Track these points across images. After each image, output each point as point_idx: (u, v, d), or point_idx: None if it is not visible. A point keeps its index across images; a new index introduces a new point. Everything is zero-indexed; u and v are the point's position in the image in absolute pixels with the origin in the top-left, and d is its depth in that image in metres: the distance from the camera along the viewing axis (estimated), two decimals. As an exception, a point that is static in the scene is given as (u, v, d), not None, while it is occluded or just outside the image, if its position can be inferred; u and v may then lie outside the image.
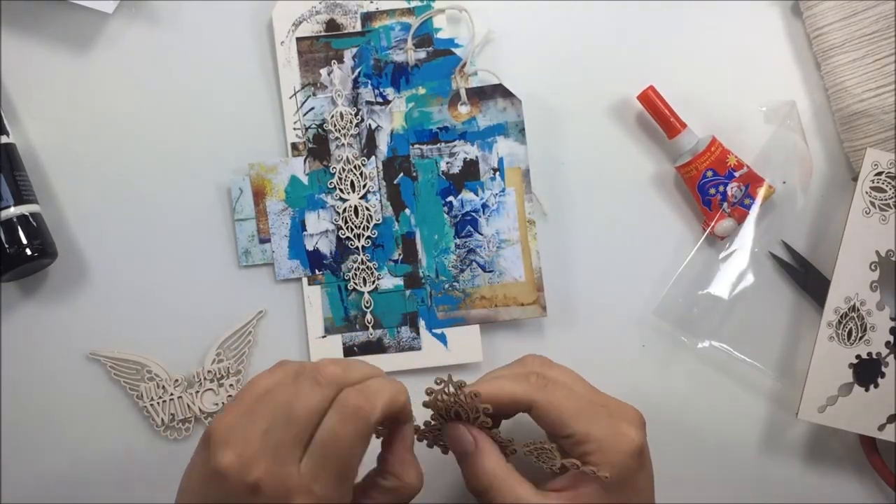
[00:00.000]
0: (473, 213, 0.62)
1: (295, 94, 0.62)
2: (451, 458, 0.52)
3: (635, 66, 0.64)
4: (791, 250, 0.63)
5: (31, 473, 0.61)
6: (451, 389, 0.48)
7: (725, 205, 0.61)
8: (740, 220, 0.62)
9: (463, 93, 0.62)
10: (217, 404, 0.61)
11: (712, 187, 0.61)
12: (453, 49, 0.63)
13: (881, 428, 0.59)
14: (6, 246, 0.58)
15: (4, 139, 0.60)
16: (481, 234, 0.62)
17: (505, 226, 0.62)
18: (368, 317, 0.62)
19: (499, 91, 0.63)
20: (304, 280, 0.62)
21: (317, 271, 0.62)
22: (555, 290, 0.63)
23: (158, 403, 0.61)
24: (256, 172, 0.62)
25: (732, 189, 0.61)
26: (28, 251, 0.58)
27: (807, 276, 0.63)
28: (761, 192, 0.62)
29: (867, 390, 0.59)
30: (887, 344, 0.60)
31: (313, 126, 0.62)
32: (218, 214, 0.63)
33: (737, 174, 0.61)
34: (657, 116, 0.62)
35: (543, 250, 0.62)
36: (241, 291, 0.62)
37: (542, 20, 0.65)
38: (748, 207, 0.62)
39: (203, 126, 0.63)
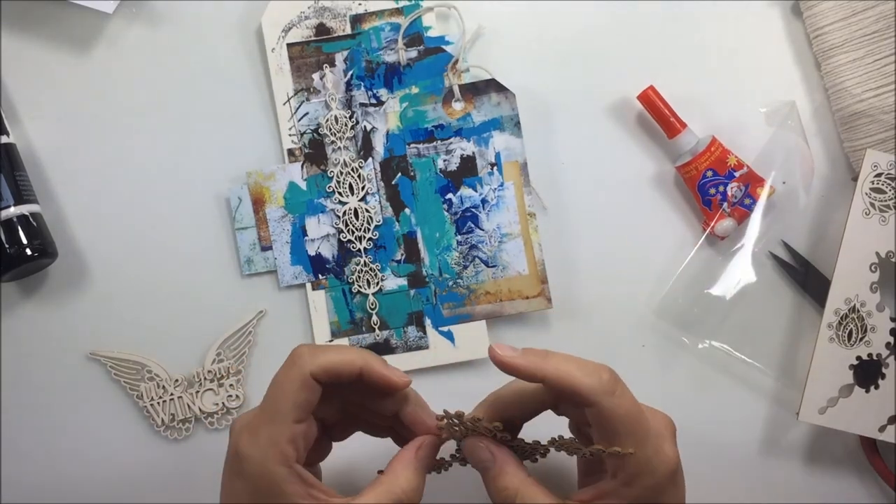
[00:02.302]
0: (473, 209, 0.62)
1: (288, 100, 0.62)
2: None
3: (635, 66, 0.64)
4: (791, 250, 0.63)
5: (31, 473, 0.62)
6: (454, 422, 0.48)
7: (725, 205, 0.61)
8: (740, 220, 0.62)
9: (456, 89, 0.62)
10: (217, 404, 0.61)
11: (712, 187, 0.61)
12: (444, 46, 0.63)
13: (882, 429, 0.59)
14: (6, 246, 0.58)
15: (4, 139, 0.60)
16: (482, 230, 0.62)
17: (506, 220, 0.62)
18: (374, 318, 0.62)
19: (492, 86, 0.62)
20: (308, 285, 0.62)
21: (320, 276, 0.62)
22: (556, 287, 0.63)
23: (158, 403, 0.61)
24: (254, 180, 0.62)
25: (732, 189, 0.61)
26: (28, 251, 0.58)
27: (807, 277, 0.63)
28: (762, 192, 0.61)
29: (867, 391, 0.59)
30: (887, 345, 0.59)
31: (308, 131, 0.62)
32: (218, 220, 0.63)
33: (737, 174, 0.61)
34: (657, 116, 0.62)
35: (545, 247, 0.62)
36: (244, 301, 0.62)
37: (536, 18, 0.64)
38: (748, 207, 0.61)
39: (200, 133, 0.63)
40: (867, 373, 0.59)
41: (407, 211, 0.62)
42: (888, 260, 0.60)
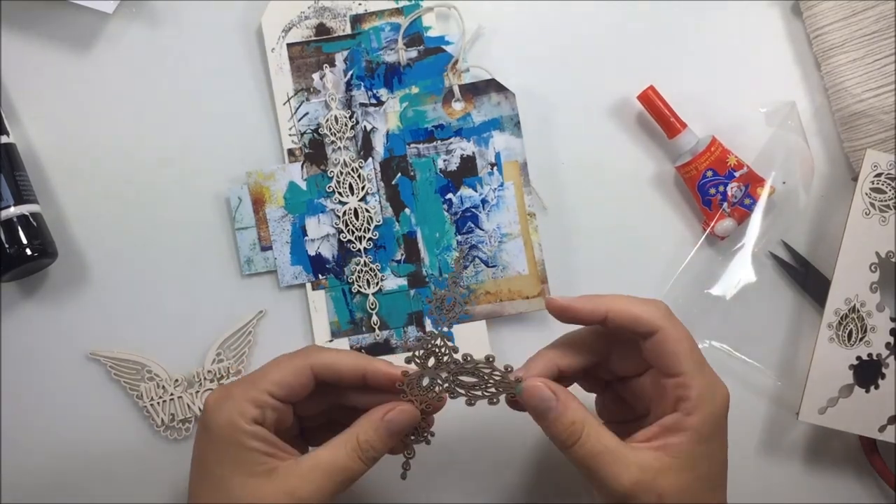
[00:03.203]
0: (473, 209, 0.62)
1: (289, 100, 0.62)
2: (452, 457, 0.52)
3: (635, 66, 0.64)
4: (791, 250, 0.63)
5: (32, 473, 0.62)
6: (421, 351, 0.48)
7: (725, 205, 0.61)
8: (740, 220, 0.62)
9: (456, 89, 0.62)
10: (217, 404, 0.61)
11: (712, 187, 0.61)
12: (444, 46, 0.63)
13: (881, 429, 0.59)
14: (6, 246, 0.58)
15: (4, 139, 0.60)
16: (482, 230, 0.62)
17: (505, 220, 0.62)
18: (374, 318, 0.62)
19: (492, 86, 0.62)
20: (308, 285, 0.62)
21: (320, 276, 0.62)
22: (556, 288, 0.63)
23: (158, 403, 0.61)
24: (254, 180, 0.62)
25: (732, 189, 0.61)
26: (28, 251, 0.58)
27: (807, 276, 0.63)
28: (762, 192, 0.61)
29: (867, 391, 0.59)
30: (887, 345, 0.59)
31: (309, 131, 0.62)
32: (218, 220, 0.63)
33: (737, 174, 0.61)
34: (657, 116, 0.62)
35: (545, 247, 0.62)
36: (244, 301, 0.62)
37: (536, 18, 0.64)
38: (748, 207, 0.61)
39: (200, 133, 0.63)
40: (867, 373, 0.59)
41: (407, 211, 0.62)
42: (888, 260, 0.60)
